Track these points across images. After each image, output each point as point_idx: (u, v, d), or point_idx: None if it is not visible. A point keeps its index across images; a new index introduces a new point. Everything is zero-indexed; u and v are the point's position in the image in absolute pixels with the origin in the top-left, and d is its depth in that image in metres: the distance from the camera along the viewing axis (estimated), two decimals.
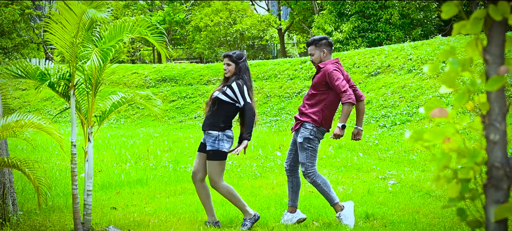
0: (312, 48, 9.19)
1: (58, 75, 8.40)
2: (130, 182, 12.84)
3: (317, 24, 37.84)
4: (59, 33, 8.24)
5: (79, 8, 7.94)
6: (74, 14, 8.04)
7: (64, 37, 8.23)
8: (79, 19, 8.05)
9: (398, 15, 35.94)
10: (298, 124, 9.11)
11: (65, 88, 8.48)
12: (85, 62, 7.99)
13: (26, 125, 7.80)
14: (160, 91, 28.56)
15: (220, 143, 8.84)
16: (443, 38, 24.93)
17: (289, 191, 9.44)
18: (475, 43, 3.29)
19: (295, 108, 23.70)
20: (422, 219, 9.30)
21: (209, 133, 8.94)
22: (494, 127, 3.22)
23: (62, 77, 8.40)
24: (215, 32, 46.61)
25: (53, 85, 8.40)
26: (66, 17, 8.09)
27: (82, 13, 7.96)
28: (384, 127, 18.70)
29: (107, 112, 8.87)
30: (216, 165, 8.91)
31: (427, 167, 13.72)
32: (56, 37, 8.26)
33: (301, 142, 8.99)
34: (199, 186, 9.24)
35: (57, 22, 8.18)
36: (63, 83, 8.45)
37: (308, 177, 9.05)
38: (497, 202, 3.20)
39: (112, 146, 17.75)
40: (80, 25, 8.10)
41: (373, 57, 24.69)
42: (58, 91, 8.47)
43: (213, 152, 8.89)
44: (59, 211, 9.92)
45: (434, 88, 19.93)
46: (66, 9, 8.01)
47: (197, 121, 25.43)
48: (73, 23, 8.10)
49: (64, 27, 8.18)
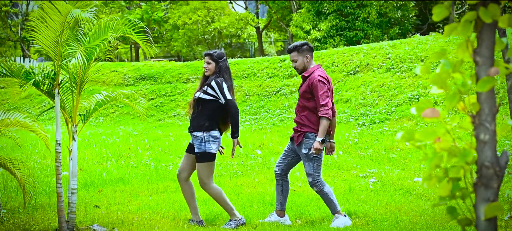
0: (295, 54, 9.07)
1: (43, 74, 8.40)
2: (112, 181, 12.85)
3: (295, 22, 37.93)
4: (43, 32, 8.25)
5: (64, 8, 7.95)
6: (59, 13, 8.05)
7: (48, 35, 8.24)
8: (64, 19, 8.06)
9: (375, 14, 36.10)
10: (301, 136, 8.99)
11: (49, 87, 8.49)
12: (69, 60, 8.00)
13: (12, 123, 7.82)
14: (139, 89, 28.52)
15: (206, 144, 8.87)
16: (421, 37, 25.09)
17: (278, 195, 9.42)
18: (466, 45, 3.36)
19: (274, 106, 23.77)
20: (404, 217, 9.39)
21: (194, 135, 8.97)
22: (484, 127, 3.28)
23: (47, 75, 8.41)
24: (193, 31, 46.60)
25: (38, 84, 8.40)
26: (51, 16, 8.10)
27: (68, 12, 7.98)
28: (363, 126, 18.80)
29: (91, 111, 8.89)
30: (204, 167, 8.93)
31: (407, 165, 13.84)
32: (40, 36, 8.27)
33: (307, 153, 8.92)
34: (184, 185, 9.27)
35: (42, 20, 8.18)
36: (47, 81, 8.46)
37: (315, 187, 9.00)
38: (487, 201, 3.26)
39: (92, 144, 17.72)
40: (65, 24, 8.11)
41: (352, 55, 24.80)
42: (43, 89, 8.48)
43: (200, 154, 8.91)
44: (42, 209, 9.90)
45: (412, 86, 20.07)
46: (51, 8, 8.02)
47: (176, 119, 25.42)
48: (58, 22, 8.11)
49: (49, 26, 8.18)
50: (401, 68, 21.74)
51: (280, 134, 19.56)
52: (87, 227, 8.78)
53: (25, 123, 7.83)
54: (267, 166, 14.60)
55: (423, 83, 19.84)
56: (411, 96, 19.32)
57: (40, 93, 8.64)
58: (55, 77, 8.35)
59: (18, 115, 7.93)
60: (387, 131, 17.61)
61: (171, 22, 48.51)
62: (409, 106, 18.83)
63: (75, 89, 8.45)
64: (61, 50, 8.23)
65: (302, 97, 9.04)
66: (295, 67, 9.15)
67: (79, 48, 8.05)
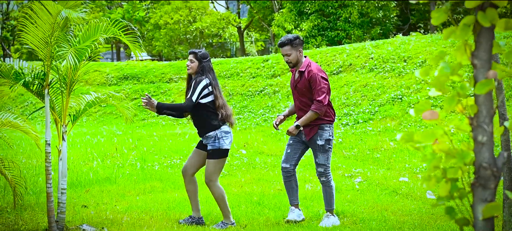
0: (288, 48, 8.99)
1: (32, 74, 8.42)
2: (99, 181, 12.87)
3: (277, 22, 37.98)
4: (33, 32, 8.26)
5: (55, 8, 7.96)
6: (49, 14, 8.07)
7: (38, 36, 8.25)
8: (54, 19, 8.08)
9: (357, 14, 36.23)
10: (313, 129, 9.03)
11: (39, 87, 8.51)
12: (61, 62, 8.02)
13: (4, 124, 7.82)
14: (122, 89, 28.48)
15: (220, 141, 8.90)
16: (404, 38, 25.20)
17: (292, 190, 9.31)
18: (464, 48, 3.43)
19: (258, 106, 23.79)
20: (391, 216, 9.47)
21: (207, 136, 8.99)
22: (482, 129, 3.34)
23: (37, 76, 8.42)
24: (174, 30, 46.55)
25: (28, 84, 8.42)
26: (41, 16, 8.11)
27: (58, 13, 7.99)
28: (347, 126, 18.90)
29: (80, 112, 8.91)
30: (215, 164, 8.97)
31: (392, 165, 13.94)
32: (30, 36, 8.28)
33: (323, 144, 8.97)
34: (189, 181, 9.26)
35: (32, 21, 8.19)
36: (37, 82, 8.48)
37: (325, 177, 9.08)
38: (485, 201, 3.32)
39: (77, 144, 17.69)
40: (55, 25, 8.13)
41: (335, 56, 24.88)
42: (33, 90, 8.49)
43: (213, 151, 8.94)
44: (30, 209, 9.92)
45: (395, 87, 20.18)
46: (41, 8, 8.03)
47: (159, 119, 25.40)
48: (48, 22, 8.12)
49: (38, 26, 8.19)
50: (384, 68, 21.85)
51: (264, 133, 19.62)
52: (77, 227, 8.81)
53: (16, 124, 7.86)
54: (252, 165, 14.65)
55: (406, 83, 19.96)
56: (394, 96, 19.43)
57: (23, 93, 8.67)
58: (45, 78, 8.37)
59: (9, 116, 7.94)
60: (371, 131, 17.71)
61: (152, 21, 48.45)
62: (392, 106, 18.94)
63: (65, 89, 8.47)
64: (51, 51, 8.24)
65: (302, 94, 9.04)
66: (288, 61, 9.04)
67: (70, 49, 8.06)
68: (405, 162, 13.84)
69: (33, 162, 14.39)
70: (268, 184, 12.54)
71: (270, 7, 45.90)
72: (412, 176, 12.59)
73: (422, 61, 20.90)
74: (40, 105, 12.29)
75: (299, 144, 9.26)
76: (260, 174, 13.60)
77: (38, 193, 11.27)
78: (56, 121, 8.62)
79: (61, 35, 8.32)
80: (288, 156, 9.30)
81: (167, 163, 15.03)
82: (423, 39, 23.41)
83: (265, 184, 12.47)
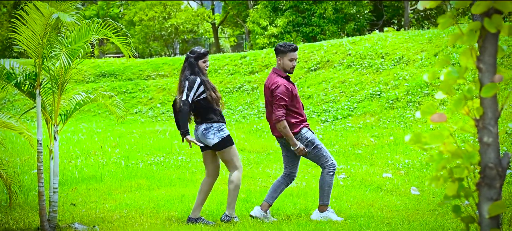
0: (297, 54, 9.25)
1: (24, 75, 8.46)
2: (84, 179, 12.91)
3: (252, 18, 38.03)
4: (25, 33, 8.30)
5: (47, 10, 8.01)
6: (41, 15, 8.12)
7: (31, 37, 8.30)
8: (46, 20, 8.12)
9: (332, 10, 36.40)
10: None
11: (30, 87, 8.56)
12: (54, 63, 8.07)
13: None
14: (99, 86, 28.38)
15: (220, 133, 8.97)
16: (381, 34, 25.37)
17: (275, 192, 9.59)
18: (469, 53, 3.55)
19: (237, 103, 23.88)
20: (378, 212, 9.60)
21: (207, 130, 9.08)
22: (488, 130, 3.47)
23: (28, 76, 8.47)
24: (149, 27, 46.38)
25: (19, 85, 8.46)
26: (33, 17, 8.15)
27: (50, 15, 8.04)
28: (326, 122, 19.02)
29: (71, 111, 8.97)
30: (229, 150, 9.05)
31: (374, 161, 14.08)
32: (22, 37, 8.32)
33: None
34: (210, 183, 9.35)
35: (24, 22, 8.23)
36: (28, 82, 8.53)
37: None
38: (491, 200, 3.44)
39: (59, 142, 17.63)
40: (47, 26, 8.17)
41: (312, 52, 24.98)
42: (24, 90, 8.54)
43: (218, 143, 8.99)
44: (20, 208, 9.95)
45: (374, 83, 20.33)
46: (34, 10, 8.07)
47: (138, 116, 25.39)
48: (40, 23, 8.17)
49: (30, 27, 8.23)
50: (362, 65, 22.00)
51: (244, 130, 19.70)
52: (68, 226, 8.87)
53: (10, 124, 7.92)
54: None
55: (384, 79, 20.12)
56: (373, 92, 19.58)
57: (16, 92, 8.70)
58: (36, 78, 8.42)
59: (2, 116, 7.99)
60: (351, 127, 17.85)
61: (127, 18, 48.21)
62: (371, 102, 19.09)
63: (56, 89, 8.52)
64: (43, 52, 8.29)
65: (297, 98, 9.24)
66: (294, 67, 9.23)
67: (63, 50, 8.12)
68: (387, 158, 13.99)
69: (17, 161, 14.36)
70: (253, 181, 12.65)
71: (244, 3, 45.91)
72: (395, 172, 12.75)
73: (400, 57, 21.07)
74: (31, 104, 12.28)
75: None
76: (244, 171, 13.65)
77: (27, 191, 11.28)
78: (47, 121, 8.67)
79: (53, 36, 8.37)
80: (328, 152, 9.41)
81: (151, 161, 15.09)
82: (400, 35, 23.58)
83: (251, 181, 12.57)
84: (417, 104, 17.58)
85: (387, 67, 20.89)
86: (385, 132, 16.53)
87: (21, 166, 13.72)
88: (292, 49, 9.04)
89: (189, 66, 9.10)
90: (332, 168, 9.20)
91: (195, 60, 9.12)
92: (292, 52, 9.08)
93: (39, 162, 8.49)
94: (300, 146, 8.92)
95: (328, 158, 9.18)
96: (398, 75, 19.90)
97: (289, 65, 9.12)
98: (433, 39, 21.35)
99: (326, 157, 9.17)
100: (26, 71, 8.55)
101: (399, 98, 18.41)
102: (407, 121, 16.90)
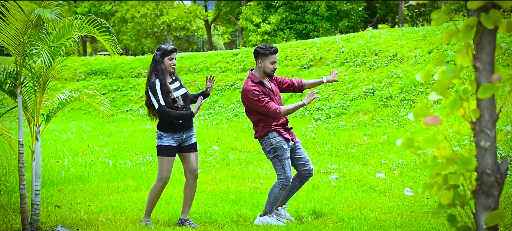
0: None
1: (4, 73, 8.21)
2: (71, 179, 12.64)
3: (245, 15, 37.91)
4: (5, 30, 8.05)
5: (28, 6, 7.76)
6: (22, 12, 7.86)
7: (10, 34, 8.04)
8: (27, 17, 7.88)
9: (325, 7, 36.29)
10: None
11: (11, 86, 8.31)
12: (35, 61, 7.82)
13: None
14: (90, 84, 28.18)
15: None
16: (375, 31, 25.21)
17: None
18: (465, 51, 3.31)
19: (228, 101, 23.67)
20: (370, 214, 9.38)
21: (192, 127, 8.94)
22: (485, 134, 3.24)
23: (9, 75, 8.22)
24: (142, 24, 46.22)
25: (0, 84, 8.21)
26: (14, 14, 7.90)
27: (31, 11, 7.79)
28: (319, 120, 18.80)
29: (54, 111, 8.71)
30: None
31: (367, 161, 13.85)
32: (2, 34, 8.06)
33: None
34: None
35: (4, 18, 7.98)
36: (9, 81, 8.27)
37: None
38: (488, 209, 3.23)
39: (46, 141, 17.42)
40: (28, 23, 7.92)
41: (305, 49, 24.79)
42: (5, 89, 8.29)
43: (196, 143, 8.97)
44: (2, 210, 9.70)
45: (367, 81, 20.12)
46: (14, 6, 7.82)
47: (129, 115, 25.18)
48: (21, 20, 7.92)
49: (10, 24, 7.98)
50: (355, 62, 21.79)
51: (236, 128, 19.48)
52: (51, 229, 8.64)
53: None
54: (226, 162, 14.48)
55: (378, 77, 19.91)
56: (366, 90, 19.36)
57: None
58: (17, 77, 8.17)
59: None
60: (344, 126, 17.63)
61: (119, 15, 48.03)
62: (365, 100, 18.88)
63: (38, 88, 8.27)
64: (24, 49, 8.04)
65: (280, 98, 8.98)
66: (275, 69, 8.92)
67: (44, 48, 7.87)
68: (380, 157, 13.76)
69: (3, 161, 14.08)
70: (243, 181, 12.39)
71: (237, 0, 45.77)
72: (389, 172, 12.52)
73: (393, 55, 20.87)
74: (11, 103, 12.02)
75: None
76: (234, 171, 13.45)
77: (10, 193, 11.01)
78: (29, 121, 8.42)
79: (34, 33, 8.12)
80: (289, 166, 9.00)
81: (140, 160, 14.83)
82: (394, 32, 23.40)
83: (241, 182, 12.33)
84: (411, 102, 17.36)
85: (381, 65, 20.69)
86: (378, 130, 16.31)
87: (7, 166, 13.44)
88: (274, 51, 8.73)
89: (154, 64, 8.76)
90: (284, 183, 8.83)
91: (160, 58, 8.74)
92: (273, 55, 8.76)
93: (21, 163, 8.25)
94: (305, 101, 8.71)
95: (284, 171, 8.80)
96: (391, 72, 19.69)
97: (270, 68, 8.79)
98: (427, 36, 21.15)
99: (283, 169, 8.79)
100: (7, 70, 8.29)
101: (392, 96, 18.19)
102: (401, 120, 16.67)
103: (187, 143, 8.84)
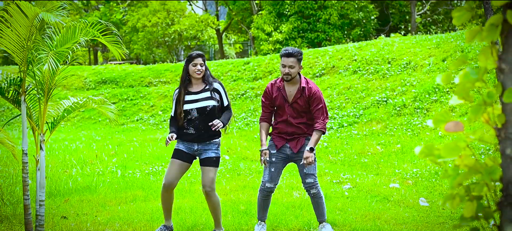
0: (293, 60, 8.44)
1: (7, 81, 8.01)
2: (78, 189, 12.42)
3: (256, 24, 37.78)
4: (9, 36, 7.84)
5: (32, 11, 7.55)
6: (25, 17, 7.66)
7: (14, 40, 7.83)
8: (31, 22, 7.67)
9: (337, 16, 36.16)
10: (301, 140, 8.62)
11: (15, 94, 8.10)
12: (40, 67, 7.62)
13: None
14: (100, 93, 28.04)
15: (219, 149, 8.60)
16: (387, 39, 25.03)
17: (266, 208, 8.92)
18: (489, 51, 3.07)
19: (240, 110, 23.45)
20: (384, 225, 9.13)
21: (212, 142, 8.54)
22: (511, 141, 2.99)
23: (12, 82, 8.02)
24: (153, 33, 46.14)
25: (3, 91, 8.01)
26: (17, 19, 7.69)
27: (35, 16, 7.59)
28: (331, 129, 18.59)
29: (59, 119, 8.49)
30: (216, 172, 8.58)
31: (381, 170, 13.61)
32: (5, 41, 7.86)
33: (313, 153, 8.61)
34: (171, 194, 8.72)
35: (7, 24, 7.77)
36: (13, 89, 8.07)
37: (315, 189, 8.62)
38: None
39: (55, 151, 17.25)
40: (32, 28, 7.72)
41: (317, 58, 24.62)
42: (8, 97, 8.08)
43: (216, 159, 8.56)
44: (7, 221, 9.51)
45: (380, 89, 19.91)
46: (18, 11, 7.61)
47: (139, 124, 25.02)
48: (24, 26, 7.71)
49: (14, 30, 7.78)
50: (368, 70, 21.59)
51: (247, 138, 19.29)
52: None
53: None
54: (237, 172, 14.25)
55: (391, 85, 19.71)
56: (379, 98, 19.14)
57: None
58: (21, 84, 7.97)
59: None
60: (356, 135, 17.41)
61: (130, 24, 47.98)
62: (378, 109, 18.65)
63: (42, 96, 8.05)
64: (28, 55, 7.84)
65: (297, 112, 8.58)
66: (289, 73, 8.46)
67: (50, 53, 7.66)
68: (394, 167, 13.52)
69: (10, 171, 13.88)
70: (254, 192, 12.13)
71: (249, 9, 45.64)
72: (403, 182, 12.26)
73: (407, 63, 20.65)
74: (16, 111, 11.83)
75: (282, 162, 8.75)
76: (245, 181, 13.21)
77: (16, 203, 10.80)
78: (34, 129, 8.21)
79: (38, 38, 7.91)
80: (273, 175, 8.71)
81: (149, 170, 14.62)
82: (407, 40, 23.20)
83: (251, 192, 12.08)
84: (425, 111, 17.13)
85: (394, 73, 20.47)
86: (392, 140, 16.07)
87: (14, 177, 13.23)
88: (282, 54, 8.50)
89: (183, 71, 8.65)
90: (261, 187, 8.74)
91: (186, 64, 8.65)
92: (282, 58, 8.54)
93: (25, 173, 8.04)
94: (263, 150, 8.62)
95: (263, 177, 8.73)
96: (405, 81, 19.47)
97: (282, 71, 8.58)
98: (441, 43, 20.93)
99: (263, 175, 8.72)
100: (10, 77, 8.08)
101: (406, 105, 17.96)
102: (415, 129, 16.42)
103: (201, 156, 8.57)
